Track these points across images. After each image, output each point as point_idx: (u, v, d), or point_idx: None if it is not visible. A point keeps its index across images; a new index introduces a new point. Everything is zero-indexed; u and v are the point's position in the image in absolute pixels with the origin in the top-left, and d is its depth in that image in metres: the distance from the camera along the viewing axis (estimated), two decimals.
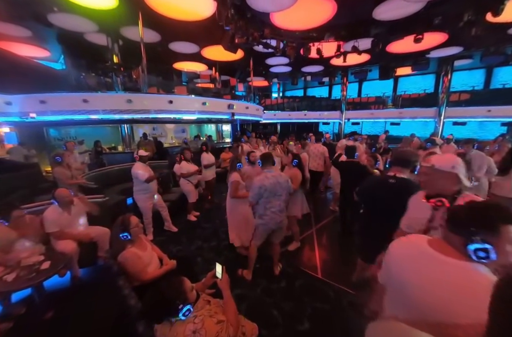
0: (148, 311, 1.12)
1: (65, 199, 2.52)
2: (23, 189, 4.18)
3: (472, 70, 12.20)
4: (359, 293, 2.29)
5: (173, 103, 7.15)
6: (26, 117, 6.24)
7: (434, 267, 0.81)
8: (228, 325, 1.16)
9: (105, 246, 2.75)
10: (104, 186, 4.33)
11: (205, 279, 1.54)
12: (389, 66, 10.17)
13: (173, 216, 3.85)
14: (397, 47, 8.17)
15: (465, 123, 11.17)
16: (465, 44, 8.22)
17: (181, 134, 11.92)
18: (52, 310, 2.06)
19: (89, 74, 8.84)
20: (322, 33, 7.25)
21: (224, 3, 5.16)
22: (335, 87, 16.65)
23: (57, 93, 6.36)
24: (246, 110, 9.93)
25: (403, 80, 14.32)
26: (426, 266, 0.83)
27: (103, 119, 6.69)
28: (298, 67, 11.48)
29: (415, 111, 12.06)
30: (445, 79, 10.93)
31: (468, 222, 0.77)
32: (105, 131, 9.26)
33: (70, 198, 2.57)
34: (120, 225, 1.81)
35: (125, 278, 1.62)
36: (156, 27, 6.92)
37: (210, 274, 1.53)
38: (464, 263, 0.77)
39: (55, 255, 2.26)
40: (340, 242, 3.50)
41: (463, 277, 0.76)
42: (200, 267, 2.76)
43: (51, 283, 2.25)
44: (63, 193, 2.53)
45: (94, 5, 5.46)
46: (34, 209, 2.80)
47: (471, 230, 0.75)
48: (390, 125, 14.06)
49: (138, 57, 7.18)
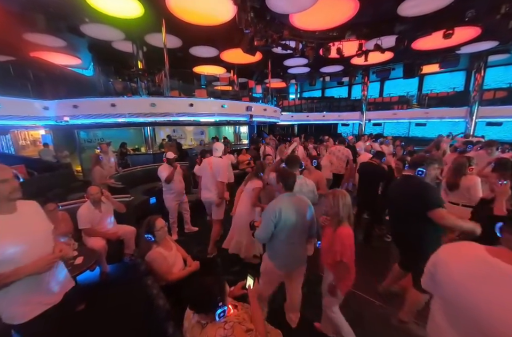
0: (190, 298, 1.16)
1: (94, 195, 2.67)
2: (58, 187, 4.50)
3: (509, 65, 11.26)
4: (385, 305, 2.18)
5: (193, 106, 7.35)
6: (61, 121, 6.74)
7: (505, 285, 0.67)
8: (256, 334, 1.16)
9: (131, 244, 2.87)
10: (129, 186, 4.54)
11: (234, 288, 1.50)
12: (414, 63, 9.67)
13: (194, 217, 3.93)
14: (424, 43, 7.76)
15: (501, 124, 10.30)
16: (501, 38, 7.62)
17: (199, 136, 12.20)
18: (84, 303, 2.17)
19: (116, 80, 9.36)
20: (343, 32, 7.09)
21: (244, 7, 5.22)
22: (354, 87, 16.18)
23: (88, 98, 6.81)
24: (264, 112, 9.95)
25: (429, 78, 13.57)
26: (494, 284, 0.69)
27: (128, 122, 7.05)
28: (317, 68, 11.32)
29: (443, 110, 11.36)
30: (477, 75, 10.19)
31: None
32: (129, 133, 9.72)
33: (99, 195, 2.71)
34: (146, 226, 1.86)
35: (152, 277, 1.67)
36: (178, 33, 7.19)
37: (240, 285, 1.50)
38: None
39: (87, 251, 2.40)
40: (362, 248, 3.36)
41: None
42: (221, 268, 2.77)
43: (82, 277, 2.38)
44: (93, 190, 2.68)
45: (122, 14, 5.80)
46: (67, 207, 2.99)
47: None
48: (414, 125, 13.37)
49: (161, 62, 7.49)
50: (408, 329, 1.91)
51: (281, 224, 1.67)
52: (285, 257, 1.79)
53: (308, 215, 1.77)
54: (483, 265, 0.73)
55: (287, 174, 1.81)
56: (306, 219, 1.76)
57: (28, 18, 5.85)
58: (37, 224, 1.31)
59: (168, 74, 7.67)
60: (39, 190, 4.12)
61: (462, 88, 12.38)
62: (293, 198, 1.77)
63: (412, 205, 1.76)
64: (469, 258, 0.79)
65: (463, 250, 0.83)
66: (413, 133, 14.27)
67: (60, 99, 6.87)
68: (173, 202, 3.55)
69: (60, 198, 3.50)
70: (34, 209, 1.35)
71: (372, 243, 3.33)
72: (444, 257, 0.85)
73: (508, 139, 10.88)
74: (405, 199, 1.83)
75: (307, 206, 1.79)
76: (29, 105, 6.65)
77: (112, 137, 8.73)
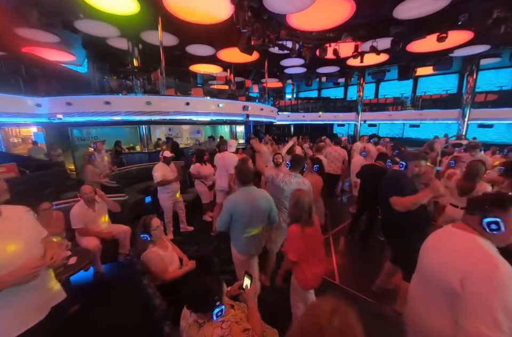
0: (188, 297, 1.16)
1: (88, 195, 2.63)
2: (51, 186, 4.42)
3: (500, 69, 11.52)
4: (380, 303, 2.22)
5: (189, 105, 7.30)
6: (54, 118, 6.61)
7: (448, 237, 1.09)
8: (253, 334, 1.16)
9: (126, 243, 2.84)
10: (124, 185, 4.49)
11: (231, 288, 1.52)
12: (409, 66, 9.82)
13: (190, 216, 3.91)
14: (418, 46, 7.88)
15: (492, 126, 10.55)
16: (493, 42, 7.79)
17: (195, 135, 12.13)
18: (78, 304, 2.14)
19: (111, 77, 9.22)
20: (339, 34, 7.14)
21: (242, 7, 5.21)
22: (350, 87, 16.32)
23: (82, 96, 6.69)
24: (261, 112, 9.95)
25: (423, 80, 13.78)
26: (442, 238, 1.13)
27: (123, 120, 6.95)
28: (313, 68, 11.37)
29: (436, 112, 11.55)
30: (469, 78, 10.39)
31: (482, 203, 1.01)
32: (124, 131, 9.59)
33: (92, 195, 2.67)
34: (141, 226, 1.86)
35: (148, 277, 1.66)
36: (174, 31, 7.12)
37: (236, 285, 1.51)
38: (471, 235, 1.00)
39: (80, 251, 2.37)
40: (357, 248, 3.41)
41: (466, 243, 0.99)
42: (217, 268, 2.78)
43: (76, 277, 2.35)
44: (86, 189, 2.64)
45: (117, 11, 5.71)
46: (60, 206, 2.94)
47: (485, 208, 0.98)
48: (409, 127, 13.57)
49: (157, 60, 7.40)
50: (402, 325, 1.94)
51: (236, 216, 1.90)
52: (244, 245, 1.99)
53: (263, 206, 1.96)
54: (443, 233, 1.16)
55: (243, 171, 2.02)
56: (261, 210, 1.95)
57: (20, 13, 5.70)
58: (22, 230, 1.17)
59: (164, 72, 7.60)
60: (31, 188, 4.04)
61: (455, 90, 12.61)
62: (248, 192, 1.96)
63: (389, 195, 1.89)
64: (437, 232, 1.19)
65: (438, 230, 1.20)
66: (407, 134, 14.48)
67: (53, 96, 6.73)
68: (168, 202, 3.53)
69: (53, 197, 3.44)
70: (20, 214, 1.23)
71: (367, 243, 3.38)
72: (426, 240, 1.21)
73: (498, 141, 11.16)
74: (385, 191, 1.98)
75: (262, 198, 1.98)
76: (21, 102, 6.50)
77: (107, 135, 8.59)
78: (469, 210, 1.06)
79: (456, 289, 0.91)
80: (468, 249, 0.97)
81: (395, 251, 2.12)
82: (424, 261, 1.15)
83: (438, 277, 1.01)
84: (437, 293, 1.01)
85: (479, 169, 2.34)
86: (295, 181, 2.31)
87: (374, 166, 3.20)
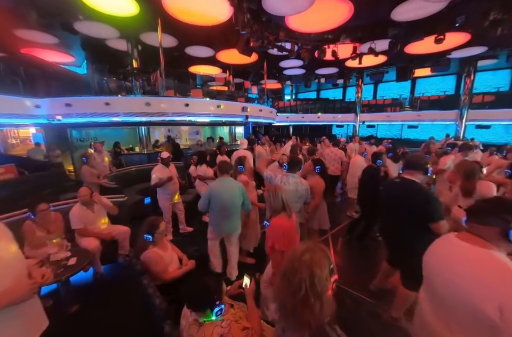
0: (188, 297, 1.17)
1: (84, 197, 2.64)
2: (50, 187, 4.41)
3: (497, 70, 11.62)
4: (378, 302, 2.23)
5: (188, 106, 7.32)
6: (53, 119, 6.60)
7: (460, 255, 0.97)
8: (252, 333, 1.17)
9: (125, 244, 2.84)
10: (123, 186, 4.49)
11: (231, 288, 1.53)
12: (407, 67, 9.89)
13: (189, 217, 3.91)
14: (416, 48, 7.93)
15: (490, 127, 10.62)
16: (490, 44, 7.86)
17: (195, 136, 12.14)
18: (78, 304, 2.14)
19: (110, 78, 9.23)
20: (338, 35, 7.19)
21: (241, 8, 5.24)
22: (349, 89, 16.38)
23: (81, 97, 6.69)
24: (260, 113, 9.98)
25: (421, 81, 13.87)
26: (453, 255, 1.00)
27: (123, 121, 6.96)
28: (312, 69, 11.42)
29: (434, 113, 11.62)
30: (467, 80, 10.48)
31: (498, 212, 0.91)
32: (123, 132, 9.59)
33: (88, 197, 2.66)
34: (148, 226, 1.85)
35: (148, 277, 1.67)
36: (173, 33, 7.14)
37: (236, 284, 1.53)
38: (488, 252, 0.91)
39: (80, 252, 2.37)
40: (356, 248, 3.42)
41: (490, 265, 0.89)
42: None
43: (75, 278, 2.35)
44: (82, 192, 2.65)
45: (117, 12, 5.73)
46: (59, 207, 2.94)
47: (505, 217, 0.88)
48: (407, 128, 13.63)
49: (157, 61, 7.42)
50: (399, 326, 1.96)
51: (213, 200, 2.35)
52: (218, 224, 2.46)
53: (237, 194, 2.37)
54: (447, 244, 1.06)
55: (223, 164, 2.52)
56: (235, 197, 2.36)
57: (19, 14, 5.72)
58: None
59: (163, 73, 7.62)
60: (30, 189, 4.04)
61: (452, 91, 12.69)
62: (225, 181, 2.42)
63: (412, 210, 1.77)
64: (440, 242, 1.11)
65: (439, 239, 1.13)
66: (405, 135, 14.54)
67: (52, 98, 6.73)
68: (167, 203, 3.54)
69: (52, 198, 3.44)
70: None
71: (364, 242, 3.39)
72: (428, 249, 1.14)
73: (496, 141, 11.22)
74: (404, 202, 1.83)
75: (236, 187, 2.41)
76: (20, 103, 6.49)
77: (106, 136, 8.60)
78: (481, 220, 0.95)
79: (493, 318, 0.81)
80: (496, 274, 0.86)
81: (393, 255, 2.10)
82: (438, 281, 1.03)
83: (467, 303, 0.90)
84: (466, 318, 0.91)
85: (473, 168, 2.32)
86: (293, 181, 2.34)
87: (371, 167, 3.22)
